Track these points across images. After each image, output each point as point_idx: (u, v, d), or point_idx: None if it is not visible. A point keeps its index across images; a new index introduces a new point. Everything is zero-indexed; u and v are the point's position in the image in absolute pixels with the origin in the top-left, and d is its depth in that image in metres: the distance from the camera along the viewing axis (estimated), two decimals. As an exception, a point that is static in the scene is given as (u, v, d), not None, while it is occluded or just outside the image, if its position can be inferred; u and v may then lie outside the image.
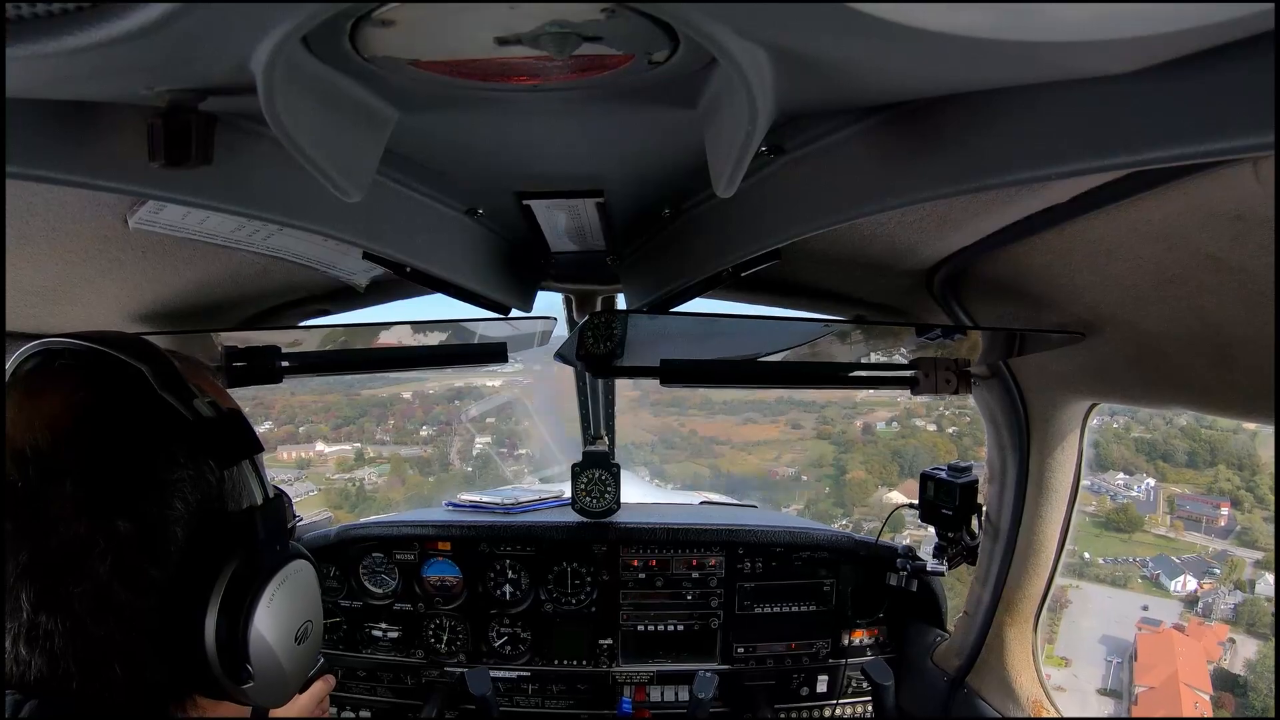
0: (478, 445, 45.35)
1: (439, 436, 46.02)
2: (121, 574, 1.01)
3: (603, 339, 2.30)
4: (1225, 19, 0.73)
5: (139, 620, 1.03)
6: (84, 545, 1.00)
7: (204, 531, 1.10)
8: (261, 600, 1.13)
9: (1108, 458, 38.05)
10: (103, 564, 1.00)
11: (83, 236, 1.73)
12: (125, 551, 1.02)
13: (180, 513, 1.07)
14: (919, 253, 2.07)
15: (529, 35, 0.90)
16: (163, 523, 1.05)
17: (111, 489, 1.03)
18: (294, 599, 1.19)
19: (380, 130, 1.24)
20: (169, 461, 1.08)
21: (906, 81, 1.09)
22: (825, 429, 44.56)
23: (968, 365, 2.56)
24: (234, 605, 1.10)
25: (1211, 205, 1.30)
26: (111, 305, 2.15)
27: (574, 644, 3.44)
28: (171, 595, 1.06)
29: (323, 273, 2.27)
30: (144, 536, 1.04)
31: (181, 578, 1.07)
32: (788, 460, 43.88)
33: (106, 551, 1.00)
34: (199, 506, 1.09)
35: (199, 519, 1.09)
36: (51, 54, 0.78)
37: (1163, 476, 36.96)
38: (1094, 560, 33.86)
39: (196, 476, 1.10)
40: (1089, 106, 0.97)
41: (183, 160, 1.09)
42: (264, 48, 0.85)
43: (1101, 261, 1.69)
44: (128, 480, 1.05)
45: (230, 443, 1.15)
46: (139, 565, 1.03)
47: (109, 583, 1.00)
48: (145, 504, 1.04)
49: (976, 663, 2.92)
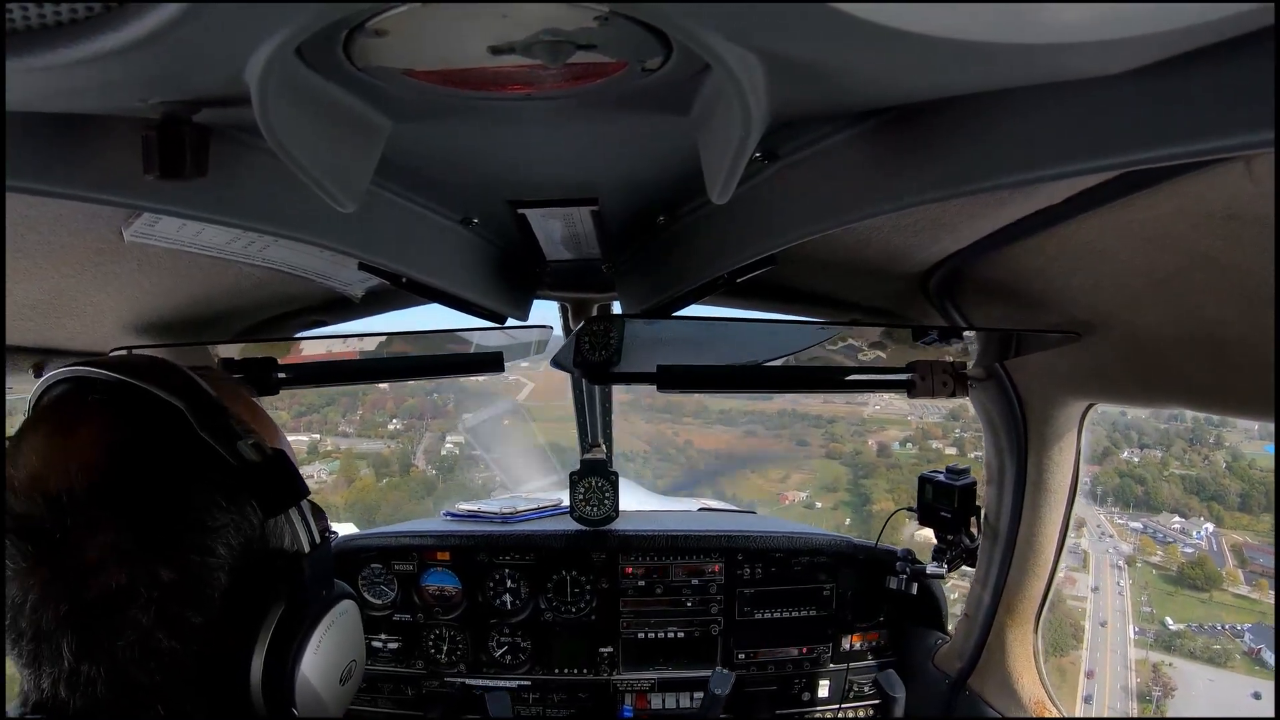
0: (448, 445, 41.67)
1: (407, 431, 42.64)
2: (164, 622, 1.00)
3: (599, 346, 2.30)
4: (1218, 18, 0.73)
5: (182, 666, 1.02)
6: (126, 595, 0.98)
7: (248, 575, 1.08)
8: (309, 645, 1.12)
9: (1157, 497, 36.07)
10: (145, 614, 0.99)
11: (79, 249, 1.73)
12: (167, 600, 1.00)
13: (224, 559, 1.05)
14: (914, 256, 2.08)
15: (522, 44, 0.90)
16: (205, 569, 1.04)
17: (152, 536, 1.01)
18: (340, 641, 1.19)
19: (375, 140, 1.24)
20: (210, 505, 1.06)
21: (899, 85, 1.10)
22: (835, 447, 41.39)
23: (964, 368, 2.56)
24: (281, 649, 1.09)
25: (1205, 205, 1.30)
26: (108, 318, 2.15)
27: (574, 652, 3.42)
28: (216, 639, 1.05)
29: (318, 284, 2.28)
30: (185, 583, 1.02)
31: (227, 622, 1.06)
32: (797, 482, 40.59)
33: (149, 602, 0.99)
34: (242, 550, 1.08)
35: (243, 562, 1.07)
36: (46, 67, 0.78)
37: (1219, 520, 34.48)
38: (1182, 630, 30.62)
39: (240, 520, 1.08)
40: (1081, 108, 0.98)
41: (178, 172, 1.08)
42: (258, 59, 0.85)
43: (1096, 262, 1.70)
44: (169, 527, 1.03)
45: (276, 491, 1.13)
46: (181, 612, 1.02)
47: (151, 630, 1.00)
48: (187, 551, 1.03)
49: (978, 665, 2.92)
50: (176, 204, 1.30)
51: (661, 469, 42.45)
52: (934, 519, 2.92)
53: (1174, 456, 37.23)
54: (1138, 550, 35.34)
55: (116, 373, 1.09)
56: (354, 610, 1.24)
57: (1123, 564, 34.69)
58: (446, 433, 42.43)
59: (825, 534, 3.52)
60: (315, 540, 1.20)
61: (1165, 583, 33.20)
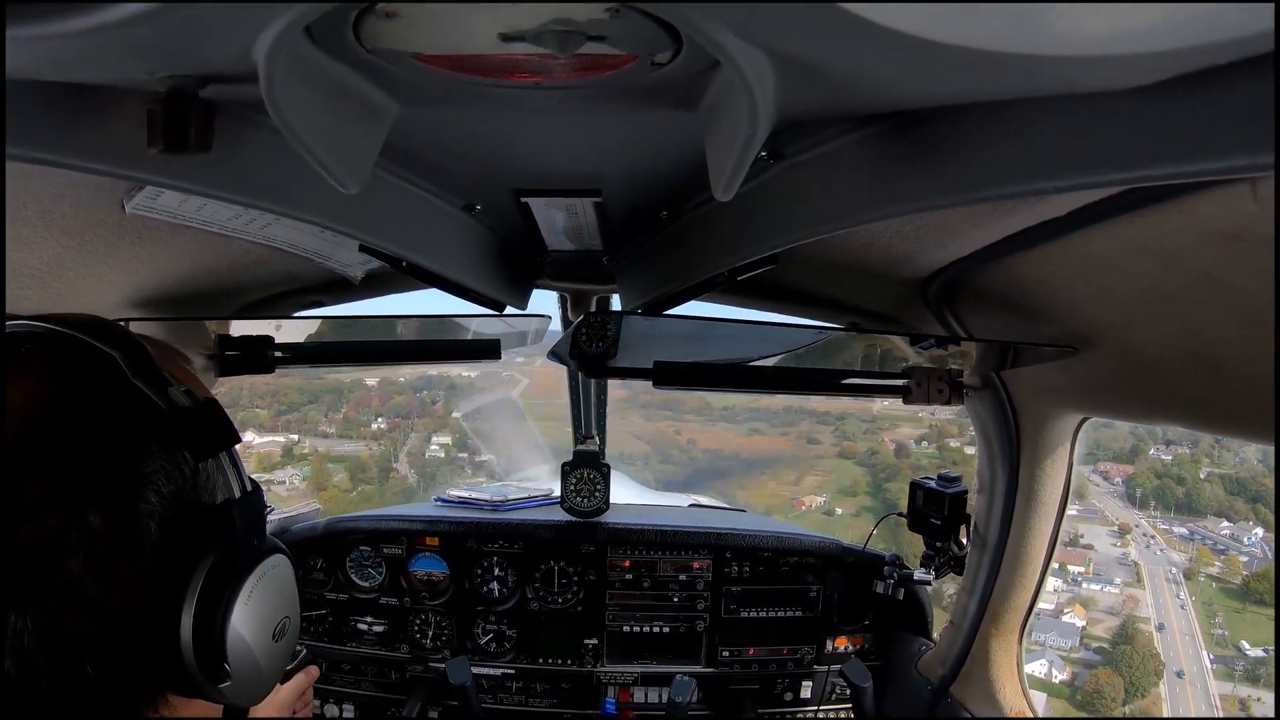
0: (434, 447, 39.54)
1: (392, 432, 40.41)
2: (93, 569, 0.97)
3: (597, 339, 2.30)
4: (1226, 39, 0.73)
5: (111, 617, 1.00)
6: (54, 540, 0.96)
7: (179, 525, 1.06)
8: (239, 597, 1.11)
9: (1199, 500, 33.87)
10: (74, 559, 0.96)
11: (79, 220, 1.73)
12: (97, 546, 0.98)
13: (154, 506, 1.03)
14: (915, 262, 2.08)
15: (532, 32, 0.90)
16: (136, 516, 1.02)
17: (82, 481, 0.99)
18: (272, 595, 1.17)
19: (380, 123, 1.24)
20: (142, 453, 1.04)
21: (908, 91, 1.10)
22: (848, 446, 38.88)
23: (960, 375, 2.57)
24: (211, 602, 1.07)
25: (1209, 224, 1.30)
26: (107, 290, 2.14)
27: (559, 643, 3.44)
28: (145, 591, 1.03)
29: (318, 264, 2.27)
30: (116, 531, 1.00)
31: (156, 573, 1.04)
32: (812, 486, 38.12)
33: (78, 546, 0.96)
34: (173, 499, 1.06)
35: (173, 512, 1.05)
36: (53, 35, 0.78)
37: (1267, 525, 31.85)
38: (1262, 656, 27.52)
39: (171, 468, 1.06)
40: (1089, 121, 0.98)
41: (181, 146, 1.08)
42: (267, 36, 0.84)
43: (1097, 276, 1.70)
44: (99, 472, 1.01)
45: (207, 434, 1.12)
46: (111, 560, 0.99)
47: (80, 578, 0.97)
48: (117, 497, 1.01)
49: (961, 672, 2.93)
50: (180, 178, 1.30)
51: (663, 471, 39.97)
52: (924, 525, 2.93)
53: (1203, 454, 35.68)
54: (1195, 560, 33.01)
55: (49, 324, 1.08)
56: (287, 565, 1.23)
57: (1179, 576, 32.79)
58: (433, 433, 40.66)
59: (814, 535, 3.53)
60: (246, 488, 1.18)
61: (1229, 597, 31.16)
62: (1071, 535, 33.83)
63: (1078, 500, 35.97)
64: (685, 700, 3.05)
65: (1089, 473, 36.28)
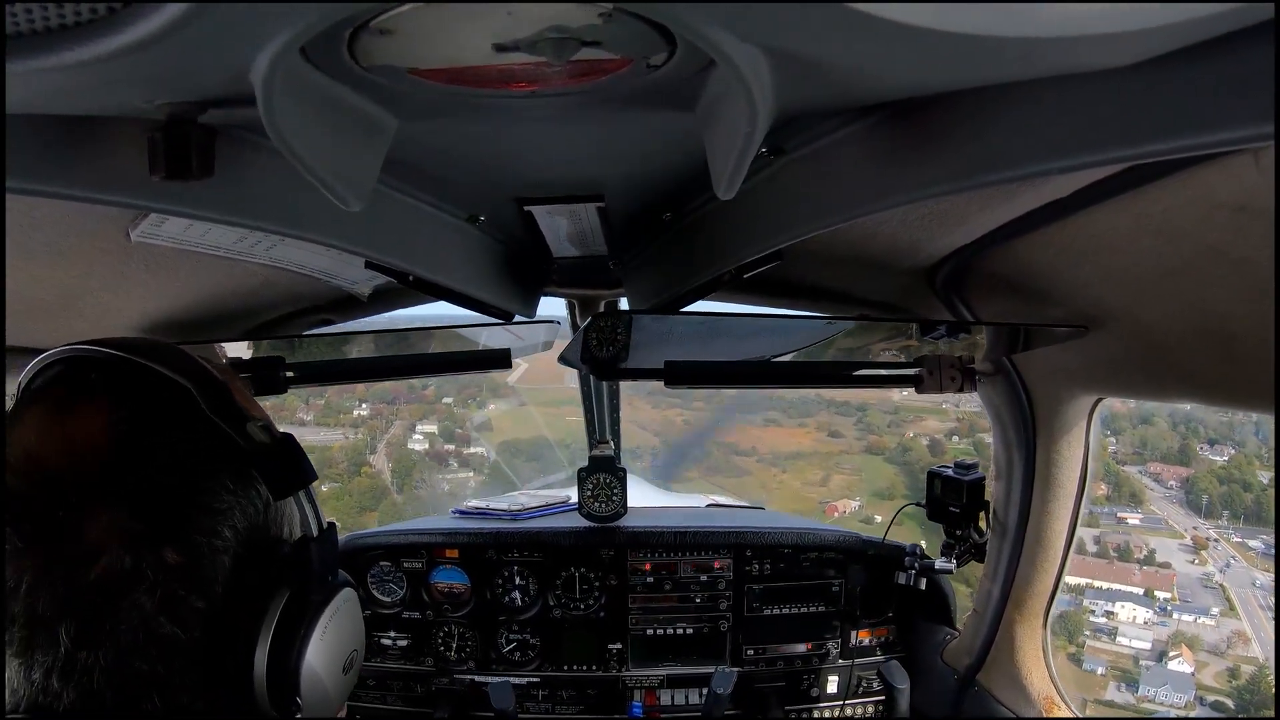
0: (418, 436, 36.19)
1: (373, 419, 36.89)
2: (167, 606, 0.97)
3: (607, 342, 2.30)
4: (1220, 11, 0.73)
5: (182, 652, 0.99)
6: (129, 578, 0.95)
7: (251, 560, 1.06)
8: (315, 632, 1.10)
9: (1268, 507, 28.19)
10: (149, 598, 0.95)
11: (85, 250, 1.74)
12: (171, 583, 0.97)
13: (229, 541, 1.03)
14: (921, 250, 2.07)
15: (527, 41, 0.90)
16: (211, 552, 1.01)
17: (159, 519, 0.98)
18: (344, 629, 1.17)
19: (380, 139, 1.24)
20: (218, 487, 1.03)
21: (906, 80, 1.09)
22: (875, 441, 35.02)
23: (972, 362, 2.56)
24: (287, 637, 1.07)
25: (1213, 197, 1.30)
26: (115, 318, 2.16)
27: (583, 649, 3.43)
28: (217, 625, 1.02)
29: (326, 283, 2.28)
30: (191, 567, 0.99)
31: (228, 607, 1.03)
32: (840, 486, 34.34)
33: (154, 586, 0.95)
34: (247, 534, 1.05)
35: (246, 547, 1.05)
36: (51, 69, 0.79)
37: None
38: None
39: (245, 503, 1.05)
40: (1088, 101, 0.97)
41: (184, 173, 1.08)
42: (263, 59, 0.85)
43: (1104, 255, 1.69)
44: (175, 508, 0.99)
45: (286, 473, 1.11)
46: (185, 596, 0.98)
47: (153, 614, 0.96)
48: (194, 534, 1.00)
49: (987, 660, 2.92)
50: (183, 204, 1.31)
51: (672, 468, 36.39)
52: (942, 514, 2.92)
53: (1254, 455, 31.43)
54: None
55: (115, 350, 1.06)
56: (355, 598, 1.23)
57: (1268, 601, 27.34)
58: (419, 421, 37.46)
59: (834, 529, 3.52)
60: (322, 526, 1.19)
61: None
62: (1144, 551, 30.70)
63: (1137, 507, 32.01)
64: (726, 692, 3.04)
65: (1143, 477, 33.60)
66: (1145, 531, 31.74)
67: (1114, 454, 33.70)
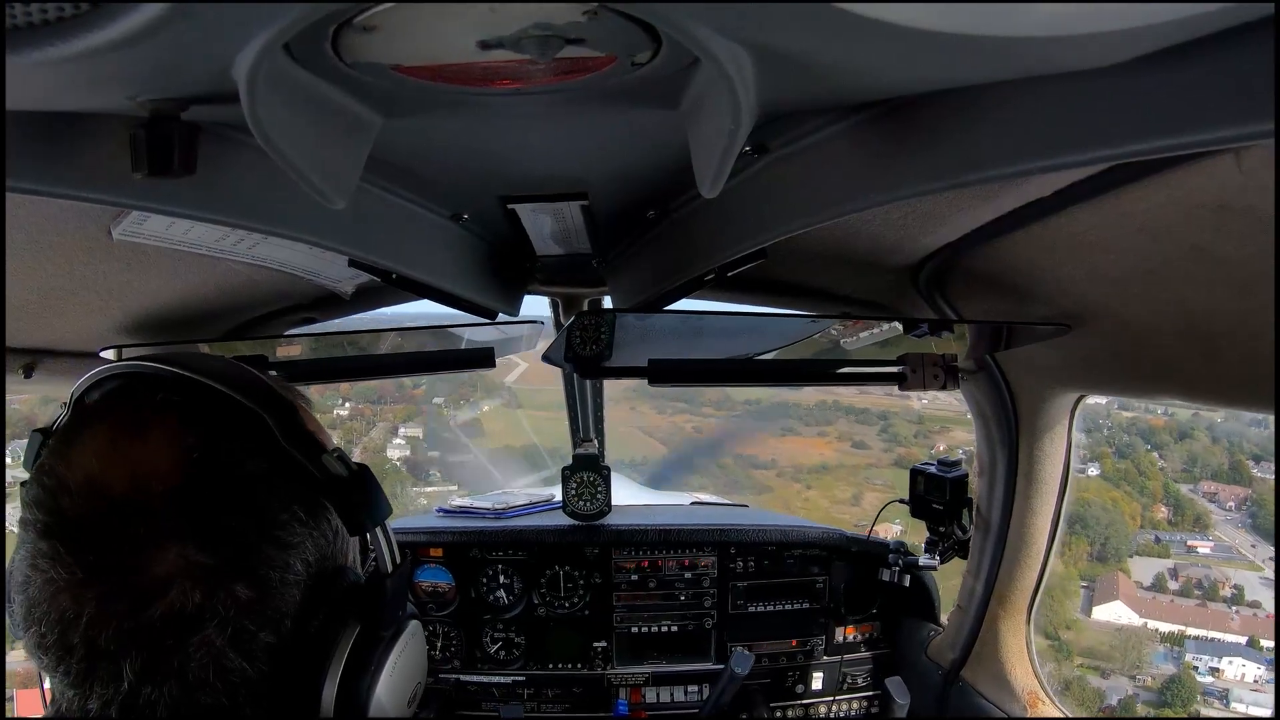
0: (399, 440, 34.54)
1: (353, 420, 35.08)
2: (235, 641, 0.95)
3: (590, 340, 2.30)
4: (1211, 9, 0.73)
5: (249, 686, 0.97)
6: (198, 614, 0.92)
7: (321, 591, 1.03)
8: (385, 668, 1.07)
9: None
10: (220, 635, 0.93)
11: (66, 248, 1.72)
12: (241, 617, 0.95)
13: (300, 575, 1.00)
14: (904, 249, 2.08)
15: (511, 38, 0.89)
16: (282, 586, 0.99)
17: (230, 553, 0.95)
18: (411, 663, 1.15)
19: (364, 136, 1.24)
20: (291, 520, 1.01)
21: (890, 79, 1.10)
22: (905, 453, 31.90)
23: (955, 360, 2.57)
24: (357, 672, 1.04)
25: (1195, 197, 1.31)
26: (97, 317, 2.14)
27: (568, 648, 3.43)
28: (285, 659, 0.99)
29: (309, 281, 2.27)
30: (261, 601, 0.97)
31: (297, 641, 1.00)
32: (875, 505, 27.10)
33: (225, 622, 0.93)
34: (318, 565, 1.03)
35: (317, 580, 1.03)
36: (31, 65, 0.78)
37: None
38: None
39: (318, 536, 1.04)
40: (1070, 101, 0.98)
41: (166, 170, 1.07)
42: (246, 56, 0.84)
43: (1086, 254, 1.70)
44: (247, 544, 0.97)
45: (363, 508, 1.08)
46: (255, 631, 0.96)
47: (222, 649, 0.94)
48: (266, 569, 0.97)
49: (970, 656, 2.94)
50: (165, 202, 1.29)
51: (685, 480, 32.91)
52: (926, 511, 2.93)
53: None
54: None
55: (187, 371, 1.03)
56: (420, 631, 1.19)
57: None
58: (402, 423, 36.02)
59: (818, 526, 3.54)
60: (396, 559, 1.15)
61: None
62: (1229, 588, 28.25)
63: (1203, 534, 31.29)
64: (744, 672, 3.03)
65: (1198, 497, 32.45)
66: (1220, 562, 30.38)
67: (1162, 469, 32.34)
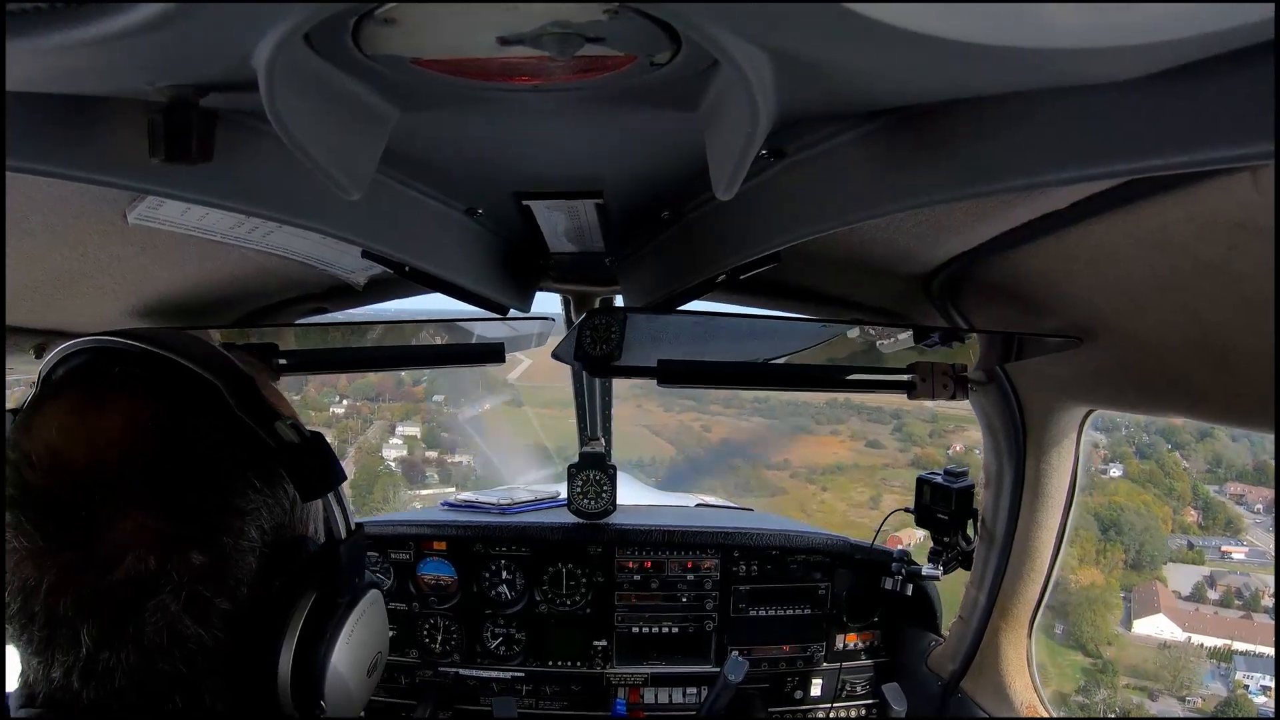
0: (396, 440, 33.53)
1: (349, 417, 34.22)
2: (192, 607, 0.96)
3: (600, 339, 2.30)
4: (1226, 28, 0.73)
5: (206, 653, 0.98)
6: (154, 581, 0.93)
7: (278, 559, 1.04)
8: (341, 635, 1.08)
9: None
10: (175, 600, 0.94)
11: (81, 231, 1.73)
12: (197, 585, 0.96)
13: (255, 542, 1.01)
14: (918, 257, 2.08)
15: (531, 35, 0.89)
16: (237, 553, 1.00)
17: (184, 518, 0.96)
18: (370, 631, 1.15)
19: (381, 128, 1.24)
20: (245, 488, 1.02)
21: (907, 86, 1.10)
22: (922, 453, 31.18)
23: (965, 370, 2.56)
24: (313, 639, 1.05)
25: (1211, 214, 1.30)
26: (110, 300, 2.15)
27: (568, 645, 3.44)
28: (242, 626, 1.00)
29: (321, 271, 2.27)
30: (217, 568, 0.98)
31: (253, 608, 1.01)
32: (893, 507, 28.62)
33: (180, 587, 0.94)
34: (273, 533, 1.04)
35: (273, 547, 1.04)
36: (54, 48, 0.78)
37: None
38: None
39: (273, 503, 1.04)
40: (1089, 113, 0.98)
41: (183, 156, 1.08)
42: (266, 44, 0.85)
43: (1100, 268, 1.69)
44: (203, 508, 0.98)
45: (316, 474, 1.09)
46: (210, 598, 0.97)
47: (179, 616, 0.95)
48: (221, 535, 0.98)
49: (971, 668, 2.93)
50: (181, 188, 1.30)
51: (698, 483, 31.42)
52: (931, 521, 2.93)
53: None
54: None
55: (144, 344, 1.03)
56: (381, 600, 1.20)
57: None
58: (400, 422, 34.91)
59: (822, 533, 3.53)
60: (350, 526, 1.17)
61: None
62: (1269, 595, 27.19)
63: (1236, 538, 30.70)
64: (738, 679, 3.04)
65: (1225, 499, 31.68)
66: (1256, 568, 29.75)
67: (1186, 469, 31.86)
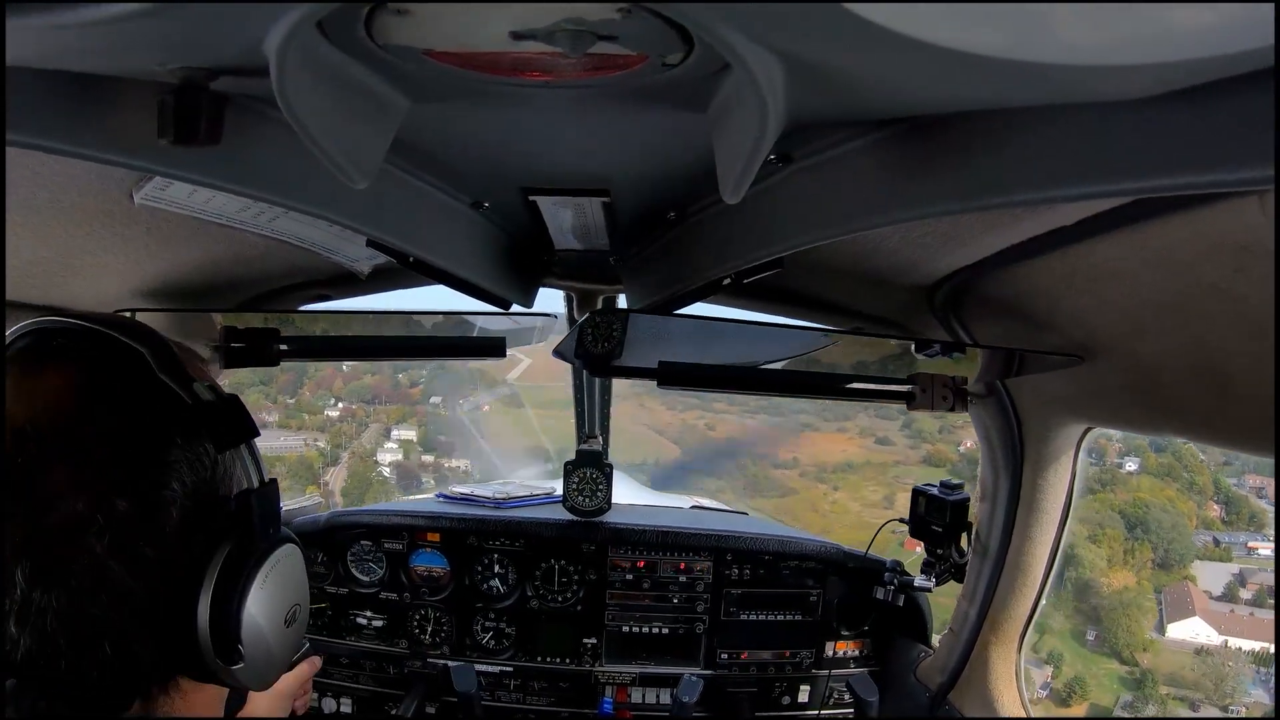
0: (392, 444, 32.44)
1: (344, 420, 32.98)
2: (118, 552, 1.02)
3: (602, 337, 2.30)
4: (1232, 52, 0.73)
5: (133, 599, 1.04)
6: (81, 522, 1.00)
7: (199, 513, 1.11)
8: (255, 583, 1.14)
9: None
10: (100, 541, 1.00)
11: (88, 209, 1.73)
12: (122, 530, 1.02)
13: (177, 494, 1.08)
14: (922, 268, 2.08)
15: (544, 31, 0.90)
16: (160, 503, 1.06)
17: (110, 468, 1.04)
18: (285, 583, 1.21)
19: (390, 118, 1.24)
20: (167, 443, 1.09)
21: (918, 96, 1.10)
22: (934, 450, 30.15)
23: (965, 383, 2.56)
24: (228, 586, 1.11)
25: (1217, 235, 1.30)
26: (114, 279, 2.15)
27: (558, 641, 3.44)
28: (165, 574, 1.07)
29: (325, 258, 2.28)
30: (141, 516, 1.04)
31: (176, 559, 1.08)
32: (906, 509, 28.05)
33: (104, 529, 1.01)
34: (194, 488, 1.10)
35: (194, 501, 1.10)
36: (67, 25, 0.78)
37: None
38: None
39: (193, 459, 1.11)
40: (1099, 131, 0.98)
41: (191, 138, 1.09)
42: (278, 30, 0.85)
43: (1104, 286, 1.69)
44: (126, 460, 1.05)
45: (228, 427, 1.17)
46: (135, 544, 1.03)
47: (105, 560, 1.01)
48: (143, 484, 1.05)
49: (959, 680, 2.92)
50: (189, 170, 1.31)
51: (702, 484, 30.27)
52: (925, 532, 2.93)
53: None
54: None
55: (81, 320, 1.13)
56: (299, 554, 1.27)
57: None
58: (396, 425, 33.79)
59: (815, 540, 3.53)
60: (264, 479, 1.24)
61: None
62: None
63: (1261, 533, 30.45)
64: (691, 700, 3.06)
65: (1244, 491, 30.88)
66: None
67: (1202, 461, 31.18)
